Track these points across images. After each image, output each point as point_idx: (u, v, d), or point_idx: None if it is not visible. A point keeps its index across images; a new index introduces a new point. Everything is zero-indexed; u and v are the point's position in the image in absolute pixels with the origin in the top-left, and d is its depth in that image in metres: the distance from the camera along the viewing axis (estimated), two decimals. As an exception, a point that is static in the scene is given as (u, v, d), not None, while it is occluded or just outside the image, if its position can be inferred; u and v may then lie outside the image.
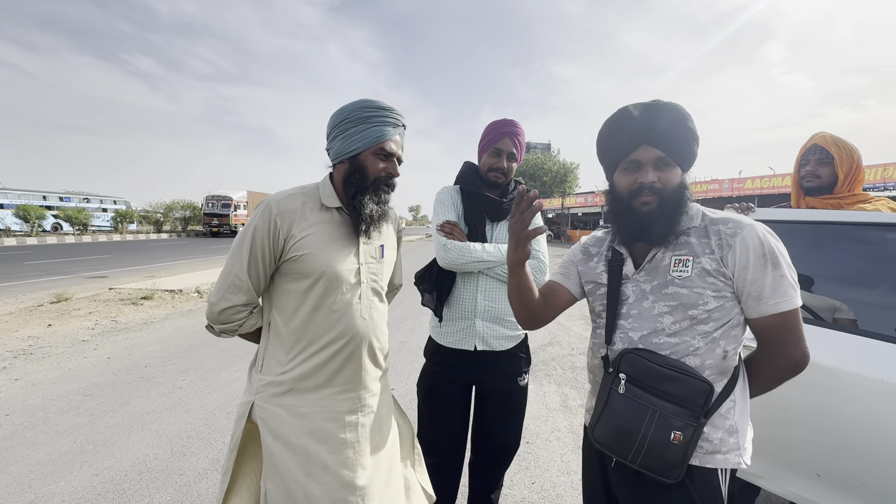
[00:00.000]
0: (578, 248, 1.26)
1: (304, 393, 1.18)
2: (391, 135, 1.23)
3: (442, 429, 1.68)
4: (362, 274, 1.25)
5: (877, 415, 1.48)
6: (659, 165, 1.01)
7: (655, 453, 0.94)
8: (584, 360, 4.63)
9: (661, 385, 0.95)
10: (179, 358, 4.43)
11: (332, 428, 1.18)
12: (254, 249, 1.15)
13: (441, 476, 1.69)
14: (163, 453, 2.62)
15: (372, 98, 1.25)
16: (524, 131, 1.71)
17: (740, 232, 0.96)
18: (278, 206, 1.18)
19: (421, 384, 1.73)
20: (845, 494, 1.56)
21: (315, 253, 1.17)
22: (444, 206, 1.71)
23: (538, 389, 3.81)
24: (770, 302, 0.94)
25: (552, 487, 2.39)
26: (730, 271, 0.96)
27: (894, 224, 1.64)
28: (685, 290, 0.98)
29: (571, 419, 3.24)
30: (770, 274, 0.93)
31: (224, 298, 1.16)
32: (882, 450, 1.47)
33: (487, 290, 1.63)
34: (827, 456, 1.59)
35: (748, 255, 0.94)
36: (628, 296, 1.08)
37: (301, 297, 1.18)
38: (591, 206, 38.58)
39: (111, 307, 6.64)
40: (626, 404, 0.99)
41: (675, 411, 0.93)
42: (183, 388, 3.65)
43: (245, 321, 1.21)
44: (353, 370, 1.23)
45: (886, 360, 1.49)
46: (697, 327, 0.97)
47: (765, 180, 23.29)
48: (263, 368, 1.20)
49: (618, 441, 0.99)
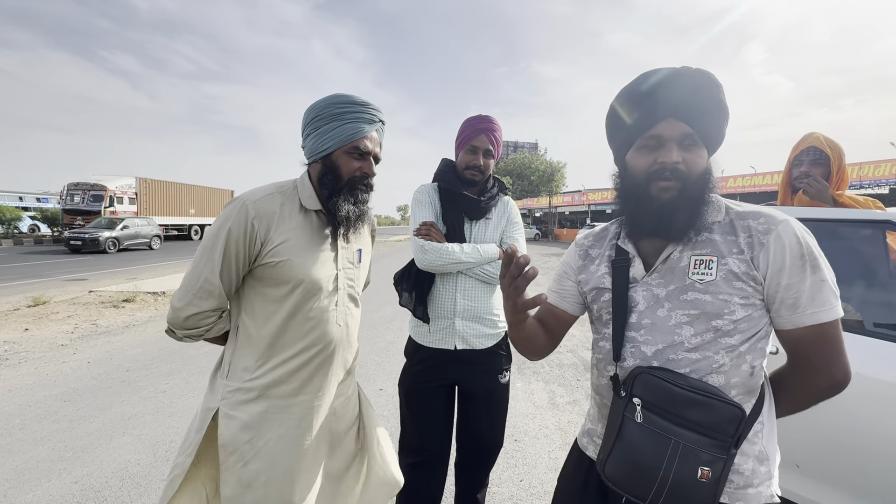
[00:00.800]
0: (575, 253, 1.08)
1: (273, 399, 1.13)
2: (366, 132, 1.16)
3: (424, 428, 1.67)
4: (340, 280, 1.21)
5: (852, 406, 1.52)
6: (685, 144, 0.85)
7: (680, 494, 0.78)
8: (571, 357, 4.67)
9: (683, 412, 0.79)
10: (162, 361, 4.34)
11: (299, 433, 1.15)
12: (227, 252, 1.08)
13: (425, 476, 1.68)
14: (145, 458, 2.57)
15: (347, 93, 1.18)
16: (501, 127, 1.70)
17: (775, 228, 0.81)
18: (256, 206, 1.10)
19: (402, 384, 1.72)
20: (823, 484, 1.60)
21: (293, 260, 1.11)
22: (422, 206, 1.69)
23: (526, 387, 3.83)
24: (808, 311, 0.79)
25: (540, 484, 2.41)
26: (761, 274, 0.81)
27: (875, 220, 1.69)
28: (708, 296, 0.83)
29: (559, 416, 3.26)
30: (809, 278, 0.79)
31: (191, 304, 1.08)
32: (857, 441, 1.51)
33: (467, 289, 1.63)
34: (805, 447, 1.62)
35: (784, 255, 0.80)
36: (638, 302, 0.91)
37: (276, 303, 1.12)
38: (577, 205, 38.90)
39: (91, 310, 6.48)
40: (643, 436, 0.82)
41: (701, 442, 0.77)
42: (166, 391, 3.58)
43: (213, 326, 1.14)
44: (325, 376, 1.19)
45: (861, 354, 1.54)
46: (722, 340, 0.82)
47: (746, 179, 23.78)
48: (230, 374, 1.14)
49: (635, 479, 0.83)
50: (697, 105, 0.84)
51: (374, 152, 1.20)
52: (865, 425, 1.50)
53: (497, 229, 1.69)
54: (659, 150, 0.86)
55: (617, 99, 0.92)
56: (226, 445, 1.10)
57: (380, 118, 1.21)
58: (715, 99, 0.85)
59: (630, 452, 0.83)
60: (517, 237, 1.70)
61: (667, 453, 0.79)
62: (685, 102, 0.84)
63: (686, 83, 0.84)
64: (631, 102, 0.89)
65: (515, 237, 1.69)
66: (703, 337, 0.83)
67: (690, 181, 0.85)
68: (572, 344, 5.16)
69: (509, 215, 1.72)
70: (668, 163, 0.84)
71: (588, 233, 1.10)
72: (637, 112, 0.87)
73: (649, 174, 0.86)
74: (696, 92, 0.84)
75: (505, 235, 1.69)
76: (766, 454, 0.86)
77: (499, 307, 1.69)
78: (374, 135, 1.20)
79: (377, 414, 1.52)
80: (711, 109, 0.85)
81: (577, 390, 3.77)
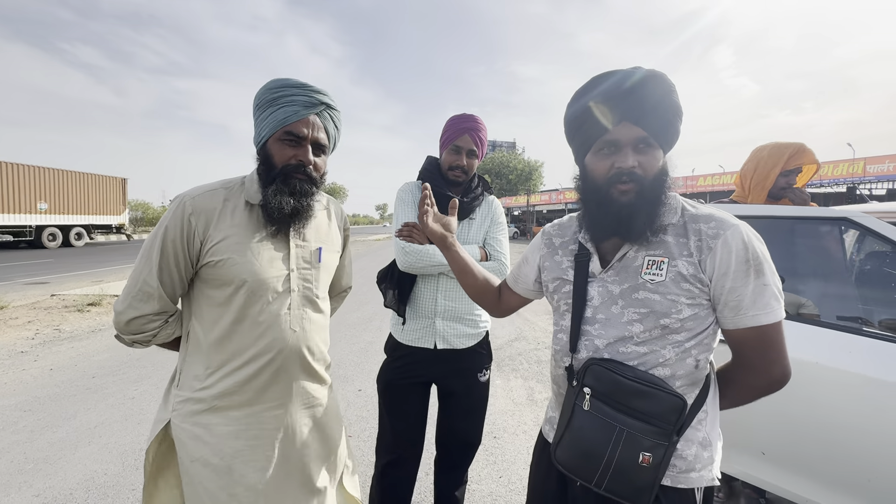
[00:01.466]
0: (541, 241, 1.11)
1: (226, 411, 1.05)
2: (301, 115, 1.05)
3: (399, 426, 1.66)
4: (293, 281, 1.12)
5: (814, 395, 1.59)
6: (639, 147, 0.87)
7: (622, 477, 0.83)
8: (549, 353, 4.73)
9: (629, 401, 0.84)
10: (131, 367, 4.19)
11: (259, 446, 1.07)
12: (165, 253, 1.02)
13: (396, 474, 1.68)
14: (113, 468, 2.47)
15: (291, 77, 1.10)
16: (485, 126, 1.69)
17: (723, 233, 0.84)
18: (193, 203, 1.03)
19: (380, 380, 1.71)
20: (788, 471, 1.67)
21: (235, 258, 1.03)
22: (405, 205, 1.68)
23: (505, 384, 3.87)
24: (749, 314, 0.84)
25: (519, 480, 2.44)
26: (707, 277, 0.85)
27: (833, 218, 1.77)
28: (657, 296, 0.87)
29: (538, 412, 3.30)
30: (752, 282, 0.83)
31: (132, 307, 1.02)
32: (819, 428, 1.59)
33: (448, 289, 1.62)
34: (771, 435, 1.70)
35: (730, 259, 0.83)
36: (593, 297, 0.95)
37: (221, 306, 1.05)
38: (555, 204, 39.50)
39: (54, 315, 6.18)
40: (590, 422, 0.87)
41: (644, 430, 0.82)
42: (135, 398, 3.45)
43: (159, 331, 1.08)
44: (285, 385, 1.10)
45: (821, 345, 1.61)
46: (669, 337, 0.87)
47: (716, 178, 24.65)
48: (181, 383, 1.08)
49: (582, 463, 0.88)
50: (650, 108, 0.86)
51: (315, 138, 1.08)
52: (827, 413, 1.57)
53: (481, 229, 1.69)
54: (616, 154, 0.88)
55: (571, 103, 0.94)
56: (181, 461, 1.05)
57: (322, 101, 1.09)
58: (667, 100, 0.87)
59: (578, 439, 0.89)
60: (500, 238, 1.70)
61: (611, 439, 0.84)
62: (638, 106, 0.85)
63: (638, 86, 0.86)
64: (585, 107, 0.90)
65: (498, 237, 1.69)
66: (651, 333, 0.87)
67: (647, 183, 0.87)
68: (550, 340, 5.23)
69: (493, 215, 1.72)
70: (624, 167, 0.86)
71: (555, 222, 1.13)
72: (592, 117, 0.89)
73: (608, 178, 0.89)
74: (649, 94, 0.86)
75: (488, 236, 1.69)
76: (709, 440, 0.90)
77: (480, 307, 1.68)
78: (315, 119, 1.08)
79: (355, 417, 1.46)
80: (664, 111, 0.87)
81: (555, 386, 3.83)
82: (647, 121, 0.86)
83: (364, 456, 2.60)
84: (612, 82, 0.88)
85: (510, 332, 5.66)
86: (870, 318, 1.68)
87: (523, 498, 2.26)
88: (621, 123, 0.86)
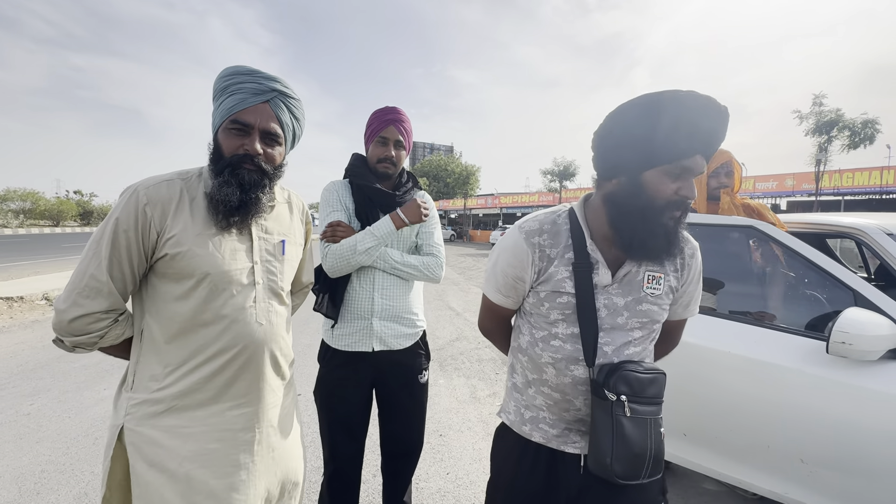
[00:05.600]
0: (530, 254, 1.01)
1: (186, 411, 1.00)
2: (249, 102, 1.02)
3: (342, 435, 1.60)
4: (257, 273, 1.08)
5: (715, 376, 1.82)
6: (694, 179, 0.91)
7: (658, 460, 0.93)
8: (490, 352, 4.87)
9: (647, 392, 0.93)
10: (24, 378, 3.65)
11: (223, 449, 1.01)
12: (116, 245, 0.95)
13: (341, 484, 1.64)
14: (8, 495, 2.14)
15: (243, 64, 1.06)
16: (409, 119, 1.66)
17: (695, 253, 1.05)
18: (148, 193, 0.98)
19: (319, 391, 1.63)
20: (704, 448, 1.89)
21: (194, 250, 0.99)
22: (331, 206, 1.60)
23: (448, 383, 3.92)
24: (692, 309, 1.11)
25: (466, 475, 2.49)
26: (680, 286, 1.05)
27: (742, 226, 2.03)
28: (655, 307, 1.01)
29: (480, 409, 3.39)
30: (698, 287, 1.09)
31: (76, 304, 0.94)
32: (722, 405, 1.82)
33: (385, 287, 1.57)
34: (689, 418, 1.90)
35: (695, 273, 1.06)
36: (600, 308, 0.98)
37: (182, 300, 1.00)
38: (490, 208, 40.66)
39: (-85, 321, 5.20)
40: (633, 426, 0.91)
41: (657, 411, 0.94)
42: (31, 414, 3.02)
43: (108, 331, 0.99)
44: (250, 382, 1.06)
45: (731, 335, 1.84)
46: (653, 335, 1.04)
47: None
48: (135, 385, 1.01)
49: (635, 467, 0.91)
50: (717, 143, 0.88)
51: (266, 127, 1.04)
52: (725, 390, 1.82)
53: (414, 226, 1.64)
54: (681, 181, 0.87)
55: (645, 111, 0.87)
56: (135, 469, 0.96)
57: (273, 87, 1.05)
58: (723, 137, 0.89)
59: (629, 445, 0.91)
60: (433, 231, 1.68)
61: (648, 432, 0.92)
62: (714, 140, 0.87)
63: (717, 120, 0.86)
64: (671, 125, 0.84)
65: (432, 231, 1.67)
66: (644, 334, 1.02)
67: (687, 211, 0.94)
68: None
69: None
70: (690, 196, 0.88)
71: (537, 229, 1.02)
72: (674, 136, 0.85)
73: (668, 202, 0.89)
74: (721, 130, 0.87)
75: (422, 231, 1.66)
76: None
77: (417, 306, 1.66)
78: (266, 108, 1.04)
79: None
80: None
81: (497, 383, 3.95)
82: (710, 155, 0.89)
83: (308, 462, 2.49)
84: (704, 108, 0.84)
85: (451, 332, 5.75)
86: (763, 312, 1.96)
87: (470, 493, 2.32)
88: (699, 154, 0.87)
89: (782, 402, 1.68)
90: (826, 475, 1.60)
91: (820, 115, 18.33)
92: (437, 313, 6.90)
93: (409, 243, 1.65)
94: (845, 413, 1.55)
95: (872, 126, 17.64)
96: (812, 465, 1.62)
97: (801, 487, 1.65)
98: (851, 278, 1.69)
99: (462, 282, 10.84)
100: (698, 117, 0.84)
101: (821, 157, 18.49)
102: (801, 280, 1.95)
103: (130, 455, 0.97)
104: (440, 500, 2.27)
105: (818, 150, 18.59)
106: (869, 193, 19.96)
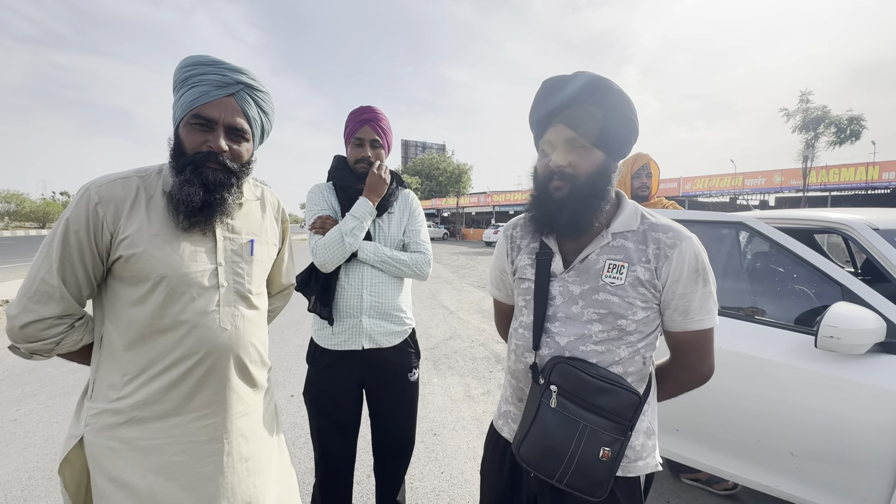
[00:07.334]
0: (505, 244, 1.12)
1: (148, 422, 0.94)
2: (212, 96, 0.96)
3: (332, 436, 1.59)
4: (221, 276, 1.02)
5: (715, 375, 1.83)
6: (573, 147, 0.91)
7: (583, 472, 0.87)
8: (483, 350, 4.88)
9: (593, 398, 0.87)
10: (9, 384, 3.58)
11: (188, 461, 0.96)
12: (67, 247, 0.91)
13: (333, 485, 1.62)
14: (-8, 503, 2.10)
15: (203, 54, 1.01)
16: (386, 117, 1.65)
17: (679, 244, 0.91)
18: (100, 192, 0.93)
19: (308, 391, 1.62)
20: (696, 443, 1.90)
21: (150, 251, 0.94)
22: (316, 205, 1.62)
23: (442, 382, 3.92)
24: (696, 318, 0.92)
25: (460, 474, 2.49)
26: (661, 283, 0.92)
27: (731, 222, 2.04)
28: (616, 298, 0.92)
29: (475, 407, 3.39)
30: (700, 290, 0.91)
31: (27, 310, 0.90)
32: (715, 402, 1.83)
33: (374, 284, 1.57)
34: (682, 414, 1.92)
35: (683, 268, 0.91)
36: (554, 296, 0.98)
37: (138, 304, 0.94)
38: (483, 206, 40.68)
39: None
40: (556, 420, 0.89)
41: (605, 426, 0.86)
42: (18, 420, 2.96)
43: (63, 337, 0.94)
44: (215, 391, 1.00)
45: (721, 330, 1.86)
46: (625, 338, 0.93)
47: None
48: (94, 394, 0.96)
49: (546, 459, 0.90)
50: (584, 110, 0.90)
51: (230, 122, 0.98)
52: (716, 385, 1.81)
53: (401, 223, 1.66)
54: (551, 154, 0.94)
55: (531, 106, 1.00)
56: (95, 483, 0.92)
57: (239, 80, 0.99)
58: (607, 103, 0.90)
59: (543, 436, 0.90)
60: (419, 229, 1.69)
61: (575, 436, 0.87)
62: (569, 108, 0.91)
63: (573, 89, 0.91)
64: (533, 109, 0.98)
65: (418, 229, 1.68)
66: (609, 333, 0.92)
67: (579, 182, 0.92)
68: (483, 338, 5.40)
69: (411, 208, 1.70)
70: (554, 167, 0.93)
71: (514, 222, 1.13)
72: (536, 118, 0.97)
73: (545, 176, 0.95)
74: (581, 97, 0.90)
75: (408, 229, 1.67)
76: (652, 429, 0.98)
77: (406, 304, 1.66)
78: (231, 101, 0.98)
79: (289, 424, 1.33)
80: (600, 113, 0.89)
81: (491, 381, 3.96)
82: (578, 123, 0.90)
83: (300, 463, 2.49)
84: (552, 86, 0.94)
85: (445, 331, 5.74)
86: (753, 307, 1.98)
87: (465, 492, 2.32)
88: (554, 125, 0.93)
89: (772, 396, 1.69)
90: (815, 468, 1.62)
91: (807, 113, 18.65)
92: (430, 312, 6.89)
93: (396, 241, 1.65)
94: (834, 406, 1.57)
95: (858, 122, 17.98)
96: (801, 458, 1.64)
97: (790, 480, 1.67)
98: (839, 273, 1.71)
99: (455, 280, 10.84)
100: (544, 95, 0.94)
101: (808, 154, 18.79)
102: (790, 275, 1.97)
103: (91, 468, 0.93)
104: (435, 500, 2.26)
105: (805, 147, 18.89)
106: (855, 189, 20.30)
